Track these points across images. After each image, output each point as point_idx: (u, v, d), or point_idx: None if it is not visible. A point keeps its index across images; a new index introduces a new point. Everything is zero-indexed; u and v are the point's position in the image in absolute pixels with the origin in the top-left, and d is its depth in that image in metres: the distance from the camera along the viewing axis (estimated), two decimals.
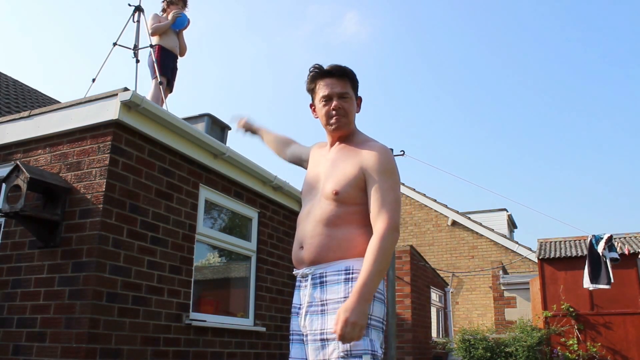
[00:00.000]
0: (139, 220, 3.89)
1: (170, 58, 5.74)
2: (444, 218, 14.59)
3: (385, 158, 1.92)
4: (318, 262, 1.89)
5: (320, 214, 1.92)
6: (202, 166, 4.67)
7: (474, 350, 8.32)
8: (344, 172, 1.93)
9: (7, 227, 3.95)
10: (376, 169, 1.88)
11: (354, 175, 1.90)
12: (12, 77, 8.62)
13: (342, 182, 1.91)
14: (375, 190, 1.86)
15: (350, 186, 1.90)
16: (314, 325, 1.85)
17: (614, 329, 8.52)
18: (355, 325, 1.67)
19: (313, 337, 1.84)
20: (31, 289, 3.67)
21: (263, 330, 5.25)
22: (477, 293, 13.70)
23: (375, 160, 1.90)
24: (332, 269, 1.86)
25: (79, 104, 3.93)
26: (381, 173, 1.88)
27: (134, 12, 5.68)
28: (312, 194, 2.02)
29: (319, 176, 2.03)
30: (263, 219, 5.55)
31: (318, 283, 1.88)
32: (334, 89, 2.01)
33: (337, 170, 1.96)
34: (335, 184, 1.92)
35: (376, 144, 1.98)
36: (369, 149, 1.95)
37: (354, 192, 1.90)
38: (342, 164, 1.97)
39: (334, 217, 1.89)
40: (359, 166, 1.91)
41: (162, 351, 3.96)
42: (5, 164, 4.13)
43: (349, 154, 1.98)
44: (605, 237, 8.13)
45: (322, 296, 1.85)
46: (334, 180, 1.94)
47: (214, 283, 5.46)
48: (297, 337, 1.99)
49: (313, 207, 1.97)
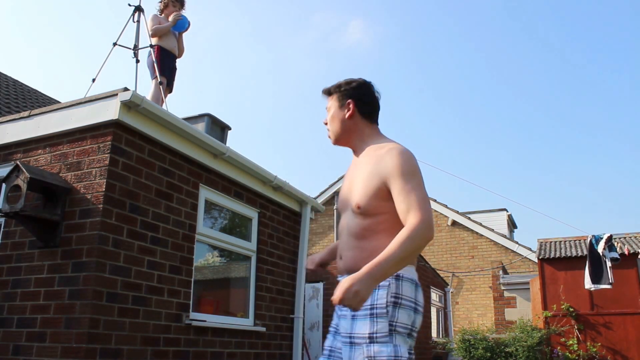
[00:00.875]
0: (139, 220, 3.90)
1: (169, 58, 5.74)
2: (444, 218, 14.59)
3: (403, 160, 1.88)
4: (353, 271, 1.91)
5: (350, 227, 1.97)
6: (202, 166, 4.67)
7: (474, 350, 8.32)
8: (363, 184, 1.93)
9: (7, 227, 3.95)
10: (396, 174, 1.85)
11: (374, 186, 1.89)
12: (12, 77, 8.62)
13: (362, 196, 1.92)
14: (399, 194, 1.83)
15: (372, 198, 1.89)
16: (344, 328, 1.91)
17: (614, 329, 8.53)
18: (357, 294, 1.65)
19: (343, 340, 1.90)
20: (31, 289, 3.67)
21: (263, 330, 5.25)
22: (477, 293, 13.70)
23: (393, 165, 1.87)
24: None
25: (79, 104, 3.93)
26: (401, 176, 1.85)
27: (134, 12, 5.68)
28: (344, 208, 2.06)
29: (347, 189, 2.07)
30: (263, 219, 5.55)
31: None
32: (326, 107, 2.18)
33: (358, 183, 1.97)
34: (357, 197, 1.94)
35: (392, 148, 1.94)
36: (385, 154, 1.92)
37: (377, 203, 1.89)
38: (361, 175, 1.97)
39: (362, 229, 1.92)
40: (378, 175, 1.89)
41: (162, 351, 3.96)
42: (5, 164, 4.13)
43: (366, 164, 1.98)
44: (605, 237, 8.13)
45: None
46: (356, 194, 1.95)
47: (214, 283, 5.46)
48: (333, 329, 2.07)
49: (346, 220, 2.02)
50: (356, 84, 2.12)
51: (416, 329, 1.88)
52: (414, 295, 1.87)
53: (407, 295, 1.84)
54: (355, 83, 2.12)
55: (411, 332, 1.85)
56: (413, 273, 1.90)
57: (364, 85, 2.13)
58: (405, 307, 1.83)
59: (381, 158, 1.92)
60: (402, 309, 1.81)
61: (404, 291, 1.83)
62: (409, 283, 1.86)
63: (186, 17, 5.85)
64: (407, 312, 1.83)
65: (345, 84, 2.13)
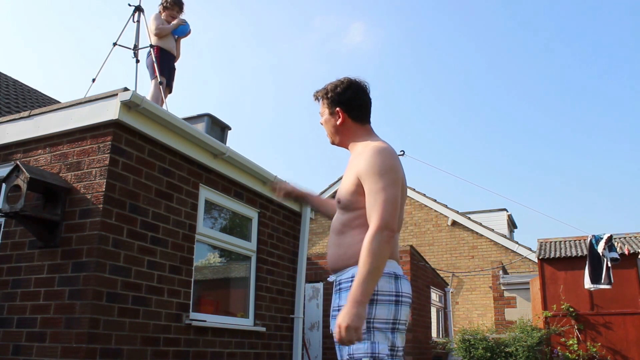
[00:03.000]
0: (139, 220, 3.89)
1: (168, 58, 5.75)
2: (444, 218, 14.58)
3: (377, 159, 1.92)
4: (335, 270, 2.03)
5: (334, 224, 2.06)
6: (202, 166, 4.67)
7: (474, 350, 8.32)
8: (345, 180, 2.04)
9: (7, 227, 3.95)
10: (367, 172, 1.92)
11: (352, 182, 1.98)
12: (12, 77, 8.62)
13: (342, 191, 2.01)
14: (368, 194, 1.90)
15: (349, 193, 1.98)
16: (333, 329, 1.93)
17: (614, 329, 8.52)
18: (349, 329, 1.70)
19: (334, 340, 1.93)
20: (31, 289, 3.66)
21: (263, 330, 5.25)
22: (477, 293, 13.69)
23: (366, 163, 1.93)
24: (344, 276, 1.96)
25: (79, 104, 3.93)
26: (372, 175, 1.90)
27: (134, 12, 5.69)
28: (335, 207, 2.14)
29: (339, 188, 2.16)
30: (263, 219, 5.55)
31: (337, 290, 2.00)
32: None
33: (343, 180, 2.08)
34: (339, 192, 2.04)
35: (370, 147, 1.99)
36: (363, 153, 1.99)
37: (354, 198, 1.96)
38: (346, 172, 2.07)
39: (340, 225, 2.01)
40: (355, 173, 1.98)
41: (162, 351, 3.96)
42: (5, 164, 4.12)
43: (351, 163, 2.08)
44: (605, 237, 8.13)
45: (340, 302, 1.95)
46: (339, 191, 2.06)
47: (214, 283, 5.46)
48: None
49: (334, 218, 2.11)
50: (342, 88, 2.12)
51: (401, 321, 1.88)
52: (394, 288, 1.88)
53: (384, 290, 1.85)
54: (340, 88, 2.12)
55: (395, 327, 1.86)
56: (391, 266, 1.91)
57: (350, 88, 2.12)
58: (383, 302, 1.84)
59: (360, 156, 2.00)
60: (379, 305, 1.83)
61: (380, 287, 1.84)
62: (386, 277, 1.87)
63: (188, 24, 5.93)
64: (385, 306, 1.84)
65: (332, 90, 2.13)
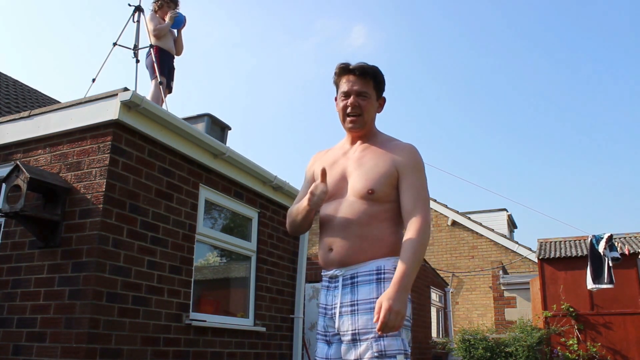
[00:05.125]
0: (139, 220, 3.89)
1: (168, 58, 5.74)
2: (444, 218, 14.59)
3: (417, 156, 1.97)
4: (349, 263, 1.89)
5: (351, 214, 1.90)
6: (202, 166, 4.66)
7: (474, 350, 8.32)
8: (377, 170, 1.92)
9: (7, 227, 3.95)
10: (410, 166, 1.92)
11: (389, 173, 1.91)
12: (12, 77, 8.62)
13: (376, 180, 1.90)
14: (409, 187, 1.89)
15: (385, 184, 1.90)
16: (345, 326, 1.86)
17: (614, 329, 8.52)
18: (398, 314, 1.69)
19: (346, 338, 1.86)
20: (31, 289, 3.66)
21: (263, 330, 5.25)
22: (477, 293, 13.69)
23: (409, 157, 1.94)
24: (364, 269, 1.86)
25: (79, 104, 3.93)
26: (415, 171, 1.92)
27: (134, 12, 5.69)
28: (336, 195, 1.97)
29: (342, 175, 2.00)
30: (263, 219, 5.55)
31: (349, 284, 1.88)
32: (353, 87, 2.02)
33: (368, 168, 1.94)
34: (369, 182, 1.90)
35: (405, 143, 2.02)
36: (400, 146, 1.99)
37: (388, 190, 1.91)
38: (372, 161, 1.96)
39: (366, 216, 1.88)
40: (393, 164, 1.92)
41: (162, 351, 3.96)
42: (5, 164, 4.12)
43: (377, 152, 1.99)
44: (605, 237, 8.13)
45: (353, 297, 1.86)
46: (367, 179, 1.91)
47: (214, 283, 5.46)
48: (322, 337, 1.99)
49: (340, 208, 1.93)
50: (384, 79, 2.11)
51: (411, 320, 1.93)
52: None
53: None
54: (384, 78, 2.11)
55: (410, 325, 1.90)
56: None
57: None
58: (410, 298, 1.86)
59: (397, 149, 1.97)
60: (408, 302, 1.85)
61: None
62: None
63: (181, 14, 5.87)
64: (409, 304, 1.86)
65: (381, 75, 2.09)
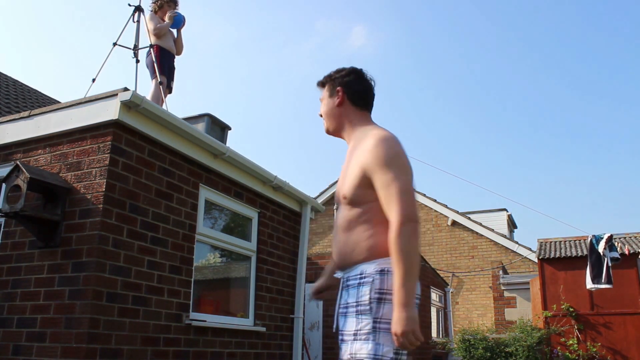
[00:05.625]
0: (139, 220, 3.89)
1: (168, 58, 5.75)
2: (443, 218, 14.58)
3: (381, 149, 1.84)
4: (343, 267, 1.95)
5: (339, 221, 1.96)
6: (202, 166, 4.66)
7: (474, 350, 8.32)
8: (350, 175, 1.93)
9: (7, 227, 3.95)
10: (375, 164, 1.83)
11: (358, 176, 1.88)
12: (12, 77, 8.62)
13: (348, 186, 1.91)
14: (380, 188, 1.81)
15: (357, 187, 1.88)
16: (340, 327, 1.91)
17: (614, 329, 8.52)
18: (406, 334, 1.68)
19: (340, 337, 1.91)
20: (31, 289, 3.66)
21: (263, 330, 5.25)
22: (477, 293, 13.69)
23: (372, 155, 1.84)
24: (353, 273, 1.89)
25: (79, 104, 3.93)
26: (380, 167, 1.82)
27: (134, 12, 5.69)
28: (338, 202, 2.05)
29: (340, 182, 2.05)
30: (263, 219, 5.55)
31: (345, 287, 1.93)
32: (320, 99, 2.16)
33: (347, 174, 1.96)
34: (344, 188, 1.95)
35: (372, 136, 1.92)
36: (366, 144, 1.91)
37: (361, 192, 1.87)
38: (349, 166, 1.97)
39: (347, 221, 1.91)
40: (360, 167, 1.88)
41: (162, 351, 3.96)
42: (5, 164, 4.12)
43: (353, 154, 1.98)
44: (605, 237, 8.13)
45: (347, 300, 1.89)
46: (343, 184, 1.96)
47: (214, 283, 5.46)
48: None
49: (338, 214, 2.01)
50: (346, 72, 2.12)
51: None
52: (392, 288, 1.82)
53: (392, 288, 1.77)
54: (345, 71, 2.12)
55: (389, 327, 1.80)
56: None
57: (353, 73, 2.12)
58: (388, 300, 1.76)
59: (363, 146, 1.91)
60: (386, 304, 1.76)
61: (389, 285, 1.77)
62: None
63: (180, 13, 5.89)
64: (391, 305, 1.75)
65: (335, 72, 2.13)
